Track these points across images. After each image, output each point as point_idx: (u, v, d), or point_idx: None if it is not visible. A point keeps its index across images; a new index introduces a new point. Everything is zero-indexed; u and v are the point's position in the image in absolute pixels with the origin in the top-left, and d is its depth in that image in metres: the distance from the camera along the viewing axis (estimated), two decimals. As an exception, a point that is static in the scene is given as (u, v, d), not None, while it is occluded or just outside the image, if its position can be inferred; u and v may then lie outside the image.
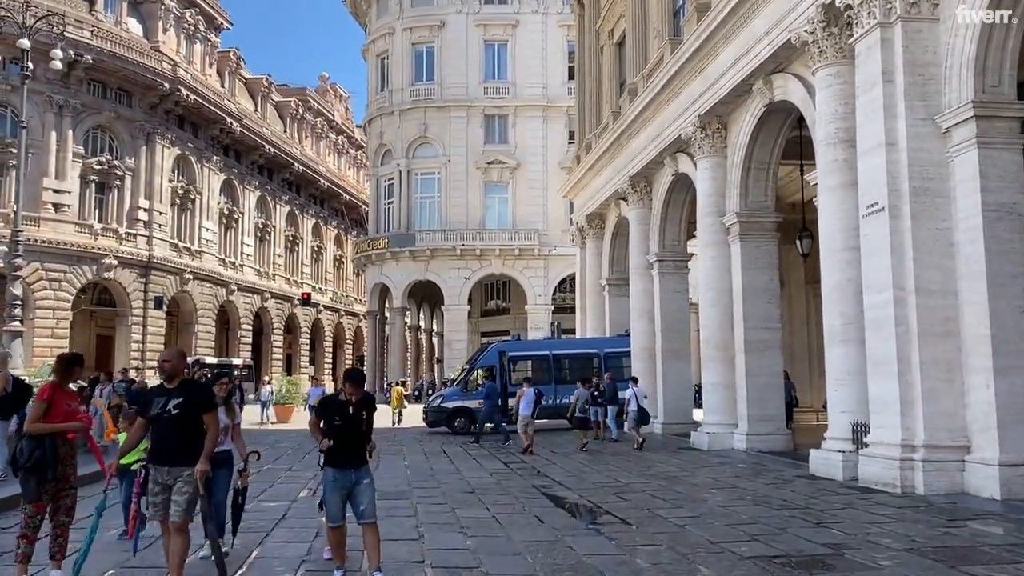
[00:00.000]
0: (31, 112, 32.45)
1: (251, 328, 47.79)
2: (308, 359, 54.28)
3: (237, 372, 36.88)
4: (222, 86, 46.41)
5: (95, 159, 36.08)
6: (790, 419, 16.15)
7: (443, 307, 44.32)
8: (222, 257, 45.05)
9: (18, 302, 20.36)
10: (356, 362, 55.88)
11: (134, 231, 37.60)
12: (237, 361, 41.39)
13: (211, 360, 37.47)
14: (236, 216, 46.79)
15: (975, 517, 8.07)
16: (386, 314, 46.04)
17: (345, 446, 5.76)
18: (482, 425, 18.95)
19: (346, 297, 62.23)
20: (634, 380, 18.05)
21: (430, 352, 59.69)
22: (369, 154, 49.71)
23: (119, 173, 37.26)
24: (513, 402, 17.84)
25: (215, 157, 44.12)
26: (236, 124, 44.55)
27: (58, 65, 23.64)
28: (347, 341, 61.67)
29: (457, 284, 41.92)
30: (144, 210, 38.10)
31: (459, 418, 20.98)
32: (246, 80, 51.79)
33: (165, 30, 41.12)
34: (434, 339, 59.25)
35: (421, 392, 39.82)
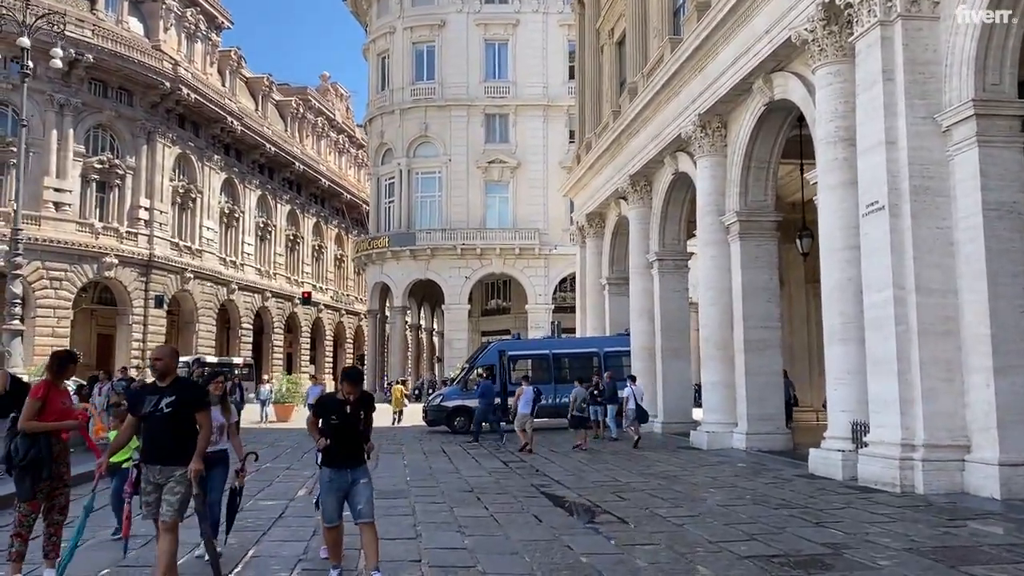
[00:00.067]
0: (32, 111, 32.49)
1: (252, 327, 47.80)
2: (309, 358, 54.27)
3: (238, 371, 36.85)
4: (223, 85, 46.41)
5: (96, 158, 36.11)
6: (790, 418, 16.13)
7: (443, 306, 44.32)
8: (223, 256, 45.06)
9: (18, 301, 20.32)
10: (357, 361, 55.89)
11: (135, 230, 37.63)
12: (238, 360, 41.35)
13: (212, 359, 37.47)
14: (237, 215, 46.80)
15: (975, 517, 8.05)
16: (387, 313, 46.04)
17: (342, 446, 5.68)
18: (479, 424, 18.91)
19: (347, 296, 62.23)
20: (632, 379, 18.03)
21: (430, 351, 59.69)
22: (370, 153, 49.72)
23: (120, 172, 37.30)
24: (512, 401, 17.81)
25: (216, 156, 44.13)
26: (237, 123, 44.57)
27: (58, 64, 23.62)
28: (348, 340, 61.67)
29: (457, 283, 41.91)
30: (145, 209, 38.13)
31: (459, 417, 20.95)
32: (247, 79, 51.79)
33: (166, 29, 41.15)
34: (434, 338, 59.24)
35: (421, 391, 39.79)
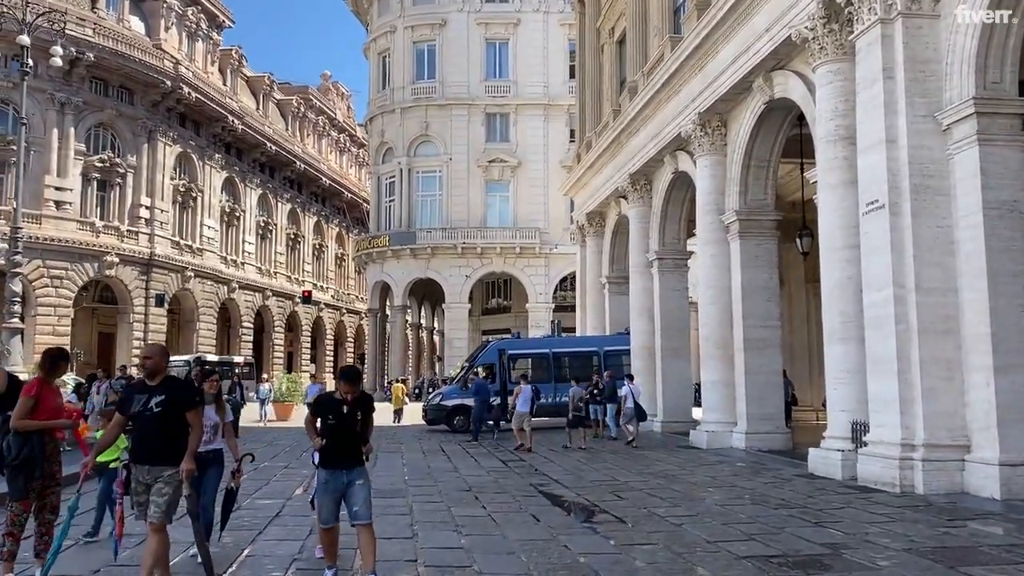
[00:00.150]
0: (33, 110, 32.49)
1: (252, 326, 47.80)
2: (309, 357, 54.27)
3: (238, 370, 36.85)
4: (224, 84, 46.40)
5: (97, 157, 36.09)
6: (789, 418, 16.10)
7: (444, 305, 44.29)
8: (223, 255, 45.05)
9: (17, 299, 20.31)
10: (357, 360, 55.87)
11: (136, 229, 37.63)
12: (238, 359, 41.36)
13: (212, 358, 37.47)
14: (238, 214, 46.78)
15: (975, 517, 8.01)
16: (387, 312, 46.02)
17: (338, 446, 5.59)
18: (477, 423, 18.86)
19: (347, 295, 62.21)
20: (629, 378, 18.02)
21: (431, 350, 59.68)
22: (370, 152, 49.68)
23: (121, 171, 37.28)
24: (511, 400, 17.80)
25: (217, 155, 44.12)
26: (238, 122, 44.55)
27: (58, 62, 23.63)
28: (348, 339, 61.65)
29: (458, 282, 41.88)
30: (146, 208, 38.13)
31: (458, 416, 20.88)
32: (248, 78, 51.78)
33: (167, 28, 41.14)
34: (435, 337, 59.22)
35: (421, 390, 39.77)
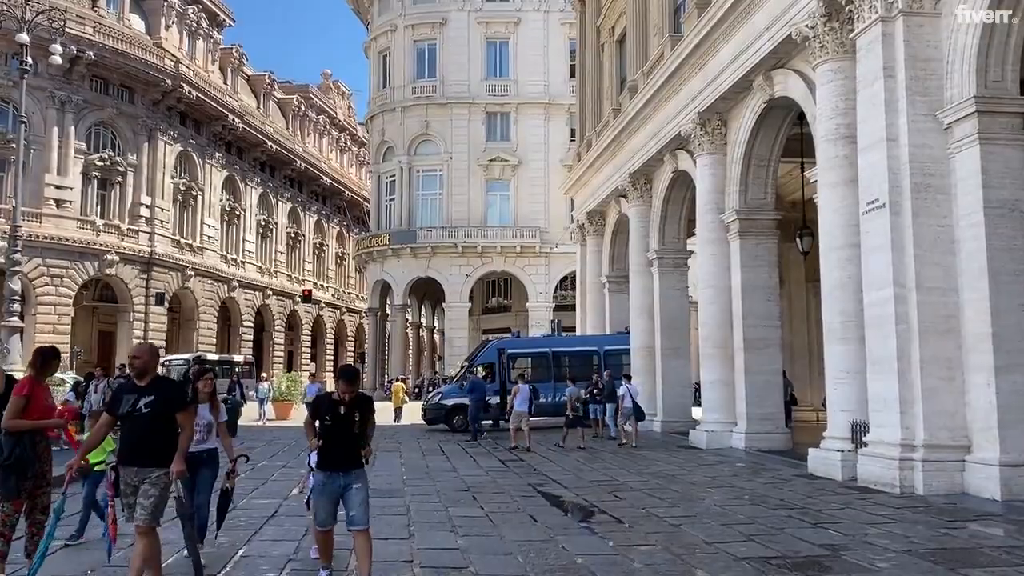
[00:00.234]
0: (33, 108, 32.47)
1: (252, 325, 47.78)
2: (310, 356, 54.24)
3: (238, 368, 36.84)
4: (224, 83, 46.37)
5: (97, 155, 36.09)
6: (789, 418, 16.04)
7: (444, 304, 44.27)
8: (224, 254, 45.03)
9: (16, 298, 20.28)
10: (357, 359, 55.84)
11: (136, 227, 37.62)
12: (238, 358, 41.35)
13: (212, 356, 37.47)
14: (238, 213, 46.76)
15: (975, 518, 7.97)
16: (387, 311, 45.99)
17: (335, 447, 5.46)
18: (475, 422, 18.82)
19: (348, 294, 62.19)
20: (627, 377, 17.99)
21: (431, 349, 59.67)
22: (371, 151, 49.64)
23: (121, 169, 37.27)
24: (509, 399, 17.79)
25: (217, 154, 44.09)
26: (238, 121, 44.53)
27: (58, 60, 23.61)
28: (349, 338, 61.62)
29: (458, 281, 41.85)
30: (146, 206, 38.11)
31: (457, 415, 20.83)
32: (248, 77, 51.76)
33: (167, 27, 41.10)
34: (435, 336, 59.20)
35: (421, 389, 39.77)
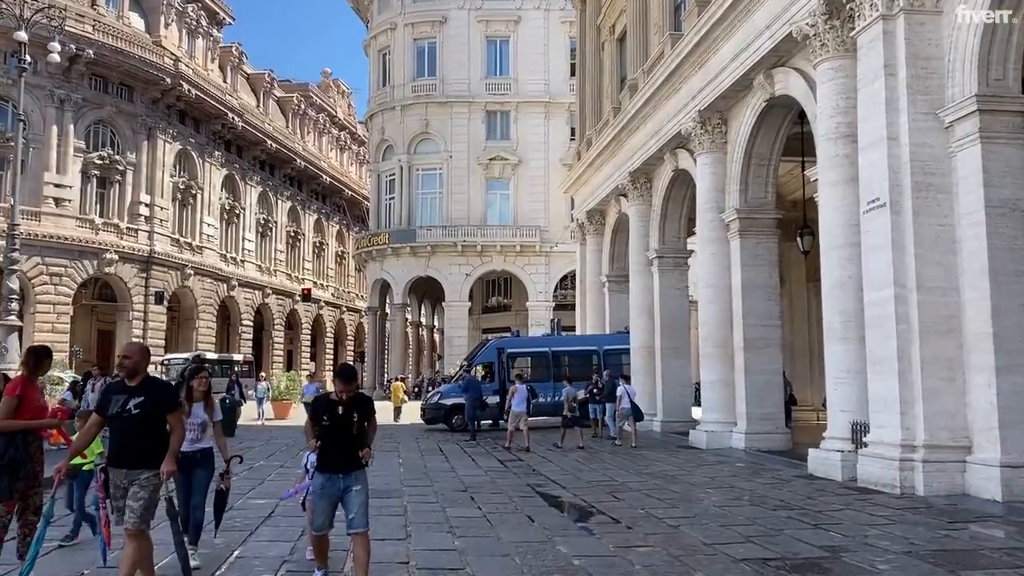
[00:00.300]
0: (32, 106, 32.42)
1: (252, 324, 47.73)
2: (309, 355, 54.21)
3: (238, 368, 36.79)
4: (224, 81, 46.31)
5: (96, 154, 36.03)
6: (789, 418, 16.00)
7: (444, 303, 44.22)
8: (223, 253, 44.99)
9: (14, 296, 20.24)
10: (357, 358, 55.79)
11: (135, 226, 37.57)
12: (238, 357, 41.30)
13: (212, 355, 37.43)
14: (237, 212, 46.71)
15: (975, 519, 7.92)
16: (387, 310, 45.94)
17: (333, 448, 5.35)
18: (473, 421, 18.76)
19: (347, 293, 62.15)
20: (625, 378, 17.97)
21: (431, 348, 59.62)
22: (370, 150, 49.58)
23: (120, 168, 37.22)
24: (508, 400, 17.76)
25: (217, 152, 44.04)
26: (238, 119, 44.46)
27: (56, 58, 23.56)
28: (348, 337, 61.58)
29: (458, 280, 41.80)
30: (145, 205, 38.06)
31: (456, 415, 20.78)
32: (248, 75, 51.69)
33: (167, 25, 41.04)
34: (435, 335, 59.15)
35: (421, 388, 39.73)
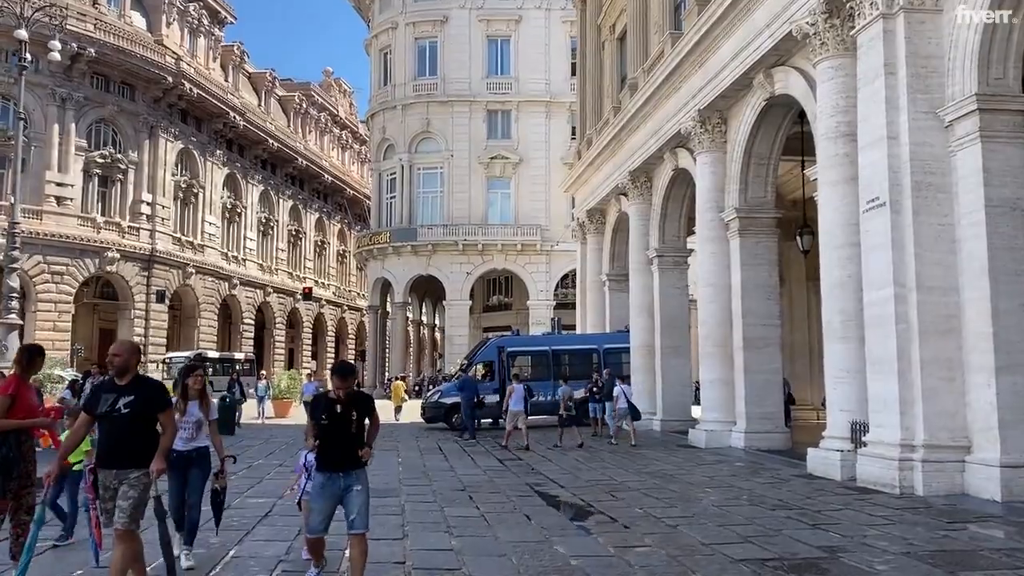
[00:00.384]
0: (34, 105, 32.45)
1: (253, 322, 47.78)
2: (310, 354, 54.25)
3: (239, 366, 36.84)
4: (226, 80, 46.34)
5: (98, 152, 36.09)
6: (788, 417, 15.97)
7: (445, 302, 44.22)
8: (225, 251, 45.04)
9: (15, 295, 20.26)
10: (358, 356, 55.81)
11: (137, 225, 37.61)
12: (239, 355, 41.36)
13: (213, 354, 37.49)
14: (239, 210, 46.74)
15: (975, 519, 7.90)
16: (388, 309, 45.95)
17: (332, 447, 5.26)
18: (470, 420, 18.72)
19: (348, 292, 62.18)
20: (623, 379, 17.96)
21: (432, 347, 59.63)
22: (372, 149, 49.58)
23: (122, 167, 37.26)
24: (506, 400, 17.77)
25: (218, 151, 44.07)
26: (239, 118, 44.49)
27: (57, 57, 23.56)
28: (349, 336, 61.63)
29: (459, 279, 41.79)
30: (147, 204, 38.11)
31: (457, 414, 20.74)
32: (250, 74, 51.73)
33: (169, 24, 41.07)
34: (436, 334, 59.15)
35: (421, 387, 39.73)
